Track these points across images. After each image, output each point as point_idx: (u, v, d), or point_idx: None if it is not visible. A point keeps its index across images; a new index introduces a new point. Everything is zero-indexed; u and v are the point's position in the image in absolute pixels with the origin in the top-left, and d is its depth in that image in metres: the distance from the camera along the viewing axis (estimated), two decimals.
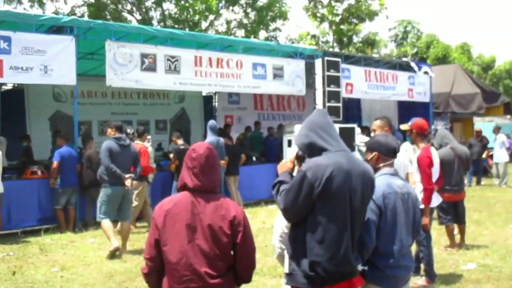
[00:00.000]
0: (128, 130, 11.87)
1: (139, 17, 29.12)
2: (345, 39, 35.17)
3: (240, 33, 30.31)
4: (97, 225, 9.78)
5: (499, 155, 18.25)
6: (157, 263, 3.41)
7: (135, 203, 10.84)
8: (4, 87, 16.06)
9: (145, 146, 11.51)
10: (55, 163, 11.18)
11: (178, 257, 3.28)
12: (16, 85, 15.91)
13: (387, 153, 4.25)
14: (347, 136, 13.48)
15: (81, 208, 11.62)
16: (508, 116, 32.10)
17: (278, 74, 15.11)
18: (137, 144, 11.27)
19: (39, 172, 11.90)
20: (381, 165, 4.22)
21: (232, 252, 3.38)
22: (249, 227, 3.45)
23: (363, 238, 3.80)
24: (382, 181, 4.07)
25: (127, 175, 9.13)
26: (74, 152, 11.51)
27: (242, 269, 3.44)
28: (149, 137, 12.83)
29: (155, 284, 3.50)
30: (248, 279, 3.53)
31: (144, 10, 29.18)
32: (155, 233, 3.37)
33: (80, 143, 12.45)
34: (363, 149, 14.39)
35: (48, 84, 12.47)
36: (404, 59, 23.90)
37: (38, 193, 11.27)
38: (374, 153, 4.24)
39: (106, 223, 8.96)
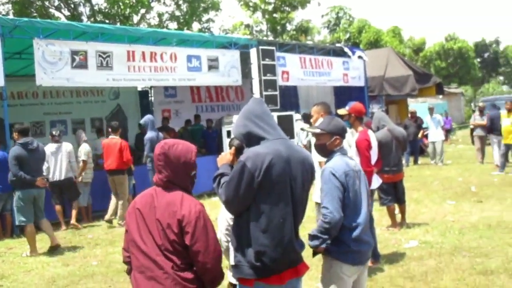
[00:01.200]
0: (54, 132, 11.62)
1: (67, 13, 28.38)
2: (278, 27, 35.33)
3: (173, 25, 29.99)
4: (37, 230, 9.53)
5: (436, 134, 18.72)
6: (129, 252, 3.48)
7: (123, 198, 11.35)
8: None
9: (125, 140, 11.65)
10: None
11: (136, 246, 3.34)
12: None
13: (343, 135, 4.38)
14: (286, 124, 13.55)
15: None
16: (440, 96, 33.13)
17: (213, 65, 14.98)
18: (113, 139, 11.45)
19: None
20: (338, 147, 4.32)
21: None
22: (204, 230, 3.24)
23: (333, 216, 3.89)
24: (340, 160, 4.21)
25: (39, 178, 9.24)
26: (7, 156, 11.08)
27: (199, 273, 3.28)
28: (84, 137, 12.55)
29: (130, 272, 3.52)
30: (210, 285, 3.36)
31: (72, 6, 28.45)
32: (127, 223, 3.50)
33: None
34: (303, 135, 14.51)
35: None
36: (338, 44, 24.15)
37: None
38: (335, 137, 4.29)
39: (29, 228, 9.19)
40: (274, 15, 34.84)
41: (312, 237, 3.98)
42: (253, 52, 15.29)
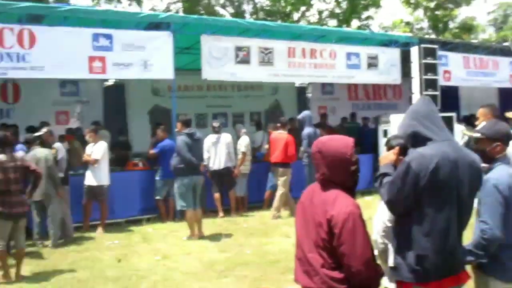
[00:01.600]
0: (214, 124, 12.17)
1: (232, 11, 29.49)
2: (440, 25, 34.03)
3: (332, 23, 30.02)
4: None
5: None
6: None
7: (282, 190, 11.63)
8: (106, 83, 16.71)
9: (291, 135, 11.97)
10: (152, 152, 11.82)
11: (297, 238, 3.40)
12: (117, 80, 16.50)
13: (507, 142, 4.09)
14: (446, 125, 13.08)
15: None
16: None
17: (372, 63, 14.86)
18: (281, 133, 11.93)
19: (140, 164, 12.38)
20: (500, 155, 4.04)
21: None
22: (352, 233, 3.12)
23: (493, 232, 3.66)
24: (504, 171, 3.92)
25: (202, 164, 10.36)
26: (174, 145, 11.82)
27: (346, 275, 3.18)
28: (244, 129, 13.00)
29: None
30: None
31: (236, 3, 29.52)
32: None
33: None
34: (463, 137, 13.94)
35: (147, 79, 12.88)
36: (505, 44, 22.84)
37: (140, 184, 11.70)
38: (496, 143, 4.01)
39: (189, 213, 9.83)
40: (436, 12, 33.61)
41: (467, 251, 3.73)
42: (414, 51, 14.90)
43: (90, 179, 10.57)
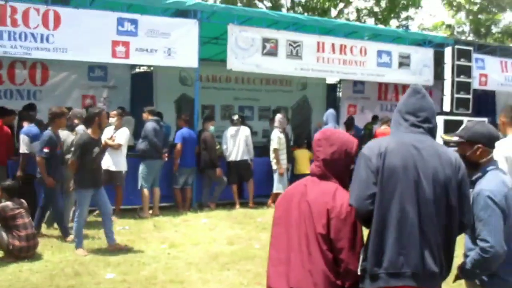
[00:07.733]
0: (234, 117, 12.15)
1: (269, 5, 29.23)
2: (482, 29, 33.23)
3: (370, 21, 29.52)
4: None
5: None
6: None
7: None
8: (135, 70, 16.69)
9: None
10: (178, 145, 11.47)
11: (274, 237, 3.56)
12: (146, 68, 16.48)
13: (490, 144, 3.67)
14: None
15: (198, 189, 11.82)
16: None
17: (404, 62, 14.46)
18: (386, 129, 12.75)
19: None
20: (484, 159, 3.65)
21: None
22: (355, 227, 3.06)
23: (495, 251, 3.31)
24: (497, 178, 3.56)
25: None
26: (194, 134, 11.72)
27: (343, 269, 3.15)
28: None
29: None
30: None
31: None
32: None
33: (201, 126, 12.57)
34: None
35: (174, 67, 12.82)
36: None
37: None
38: (476, 146, 3.63)
39: (147, 192, 10.79)
40: (479, 16, 32.78)
41: (465, 270, 3.51)
42: (447, 51, 14.49)
43: (108, 164, 10.41)
